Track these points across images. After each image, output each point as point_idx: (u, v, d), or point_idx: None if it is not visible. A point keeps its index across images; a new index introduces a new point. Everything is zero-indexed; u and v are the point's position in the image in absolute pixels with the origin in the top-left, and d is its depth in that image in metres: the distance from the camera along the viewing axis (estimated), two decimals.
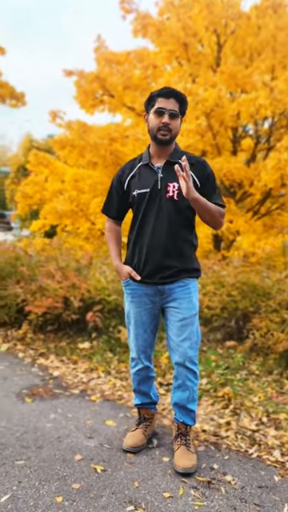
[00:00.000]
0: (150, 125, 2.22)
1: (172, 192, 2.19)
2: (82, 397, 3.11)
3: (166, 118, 2.14)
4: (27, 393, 3.11)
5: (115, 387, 3.26)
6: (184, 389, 2.32)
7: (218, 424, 2.78)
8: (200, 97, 8.06)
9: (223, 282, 4.08)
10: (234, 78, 8.95)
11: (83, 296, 3.97)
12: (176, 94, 2.18)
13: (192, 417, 2.40)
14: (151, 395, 2.55)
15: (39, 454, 2.38)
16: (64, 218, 8.32)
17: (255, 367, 3.49)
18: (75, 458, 2.37)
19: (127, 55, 10.19)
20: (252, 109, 7.93)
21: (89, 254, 4.55)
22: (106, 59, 10.04)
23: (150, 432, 2.57)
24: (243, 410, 2.92)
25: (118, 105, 9.57)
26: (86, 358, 3.72)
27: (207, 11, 9.71)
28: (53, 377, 3.42)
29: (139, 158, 2.37)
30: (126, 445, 2.45)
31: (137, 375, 2.48)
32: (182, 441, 2.39)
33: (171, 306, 2.28)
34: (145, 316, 2.34)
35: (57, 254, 4.46)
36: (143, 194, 2.23)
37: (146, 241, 2.24)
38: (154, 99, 2.19)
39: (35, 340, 4.10)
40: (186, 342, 2.25)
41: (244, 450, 2.53)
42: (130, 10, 10.42)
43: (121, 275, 2.36)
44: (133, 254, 2.31)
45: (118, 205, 2.40)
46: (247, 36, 9.81)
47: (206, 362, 3.58)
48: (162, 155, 2.25)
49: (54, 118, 9.64)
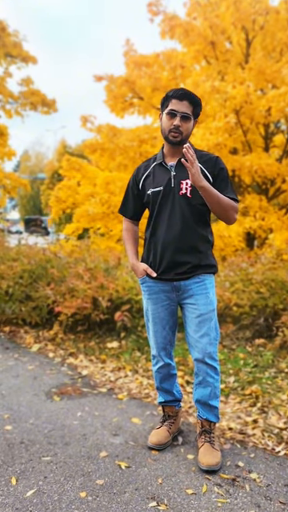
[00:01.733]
0: (162, 125, 2.25)
1: (185, 189, 2.21)
2: (109, 395, 3.15)
3: (178, 120, 2.16)
4: (56, 391, 3.18)
5: (142, 386, 3.28)
6: (205, 385, 2.32)
7: (244, 422, 2.75)
8: (228, 94, 7.97)
9: (251, 279, 4.02)
10: (263, 73, 8.80)
11: (111, 296, 4.02)
12: (190, 96, 2.18)
13: (215, 414, 2.39)
14: (174, 392, 2.54)
15: (65, 451, 2.43)
16: (96, 221, 8.44)
17: (285, 365, 3.42)
18: (100, 454, 2.40)
19: (156, 57, 10.22)
20: (282, 104, 7.76)
21: (117, 255, 4.61)
22: (135, 62, 10.13)
23: (175, 429, 2.57)
24: (271, 407, 2.87)
25: (147, 107, 9.62)
26: (114, 357, 3.76)
27: (234, 8, 9.60)
28: (81, 376, 3.48)
29: (154, 158, 2.40)
30: (150, 442, 2.46)
31: (158, 373, 2.48)
32: (206, 438, 2.38)
33: (188, 302, 2.28)
34: (162, 313, 2.35)
35: (85, 255, 4.54)
36: (157, 192, 2.26)
37: (161, 238, 2.25)
38: (168, 100, 2.22)
39: (65, 340, 4.18)
40: (205, 338, 2.25)
41: (271, 447, 2.49)
42: (158, 12, 10.46)
43: (137, 273, 2.38)
44: (148, 252, 2.34)
45: (134, 205, 2.44)
46: (277, 31, 9.61)
47: (235, 360, 3.54)
48: (175, 154, 2.28)
49: (84, 122, 9.81)
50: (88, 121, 9.92)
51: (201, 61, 10.27)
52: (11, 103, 11.26)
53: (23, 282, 4.42)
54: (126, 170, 9.16)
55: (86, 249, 4.68)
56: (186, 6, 10.82)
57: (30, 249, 4.93)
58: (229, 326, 3.92)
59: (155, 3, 10.49)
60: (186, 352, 3.74)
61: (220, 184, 2.22)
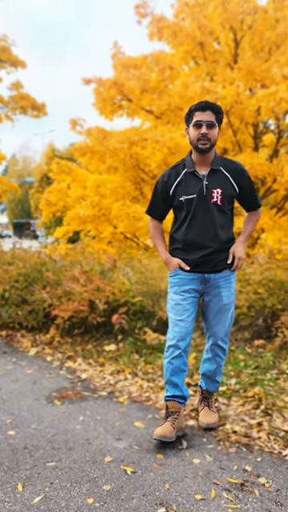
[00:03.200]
0: (190, 137, 2.46)
1: (216, 198, 2.46)
2: (109, 399, 3.11)
3: (204, 128, 2.38)
4: (56, 395, 3.13)
5: (142, 389, 3.24)
6: (213, 362, 2.67)
7: (249, 425, 2.72)
8: (218, 95, 7.99)
9: (249, 279, 4.01)
10: (252, 73, 8.84)
11: (108, 299, 3.98)
12: (211, 106, 2.44)
13: (216, 386, 2.76)
14: (182, 389, 2.60)
15: (70, 456, 2.38)
16: (87, 224, 8.38)
17: (286, 366, 3.41)
18: (105, 459, 2.36)
19: (144, 59, 10.20)
20: (272, 103, 7.79)
21: (112, 257, 4.57)
22: (123, 65, 10.10)
23: (178, 426, 2.58)
24: (275, 410, 2.85)
25: (136, 109, 9.59)
26: (113, 360, 3.72)
27: (222, 8, 9.63)
28: (81, 379, 3.43)
29: (182, 164, 2.56)
30: (156, 434, 2.48)
31: (171, 364, 2.55)
32: (205, 403, 2.75)
33: (213, 294, 2.56)
34: (188, 304, 2.55)
35: (81, 258, 4.49)
36: (191, 200, 2.48)
37: (196, 239, 2.50)
38: (192, 114, 2.46)
39: (63, 344, 4.13)
40: (222, 324, 2.60)
41: (277, 451, 2.46)
42: (146, 14, 10.44)
43: (170, 266, 2.60)
44: (182, 249, 2.56)
45: (162, 207, 2.66)
46: (265, 30, 9.67)
47: (235, 361, 3.52)
48: (205, 163, 2.49)
49: (74, 126, 9.75)
50: (77, 124, 9.87)
51: (189, 62, 10.28)
52: (1, 108, 11.18)
53: (19, 286, 4.36)
54: (116, 173, 9.13)
55: (81, 251, 4.63)
56: (173, 7, 10.83)
57: (25, 252, 4.88)
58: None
59: (143, 5, 10.47)
60: None
61: (247, 194, 2.58)
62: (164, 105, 8.74)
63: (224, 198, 2.46)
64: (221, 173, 2.47)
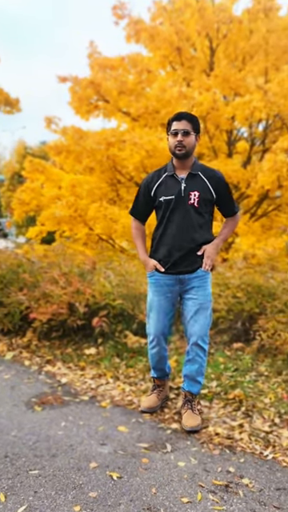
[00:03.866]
0: (169, 144, 2.64)
1: (193, 200, 2.60)
2: (91, 403, 3.07)
3: (180, 136, 2.55)
4: (36, 401, 3.06)
5: (125, 392, 3.23)
6: (194, 362, 2.73)
7: (230, 427, 2.76)
8: (195, 100, 8.08)
9: (228, 283, 4.07)
10: (228, 81, 8.98)
11: (88, 301, 3.94)
12: (186, 116, 2.61)
13: (198, 387, 2.81)
14: (165, 369, 2.96)
15: (53, 463, 2.34)
16: (62, 224, 8.28)
17: (264, 368, 3.48)
18: (90, 465, 2.33)
19: (121, 60, 10.19)
20: (247, 111, 7.96)
21: (91, 259, 4.53)
22: (99, 65, 10.05)
23: (163, 396, 2.98)
24: (255, 411, 2.90)
25: (113, 110, 9.56)
26: (94, 364, 3.68)
27: (199, 15, 9.75)
28: (61, 384, 3.38)
29: (164, 168, 2.73)
30: (142, 406, 2.86)
31: (155, 354, 2.83)
32: (188, 406, 2.78)
33: (190, 293, 2.68)
34: (166, 303, 2.71)
35: (60, 259, 4.43)
36: (169, 200, 2.62)
37: (172, 239, 2.63)
38: (170, 123, 2.63)
39: (40, 347, 4.05)
40: (200, 324, 2.67)
41: (259, 452, 2.51)
42: (123, 16, 10.43)
43: (147, 267, 2.75)
44: (159, 250, 2.70)
45: (145, 208, 2.81)
46: (239, 40, 9.85)
47: (215, 364, 3.56)
48: (184, 167, 2.65)
49: (49, 124, 9.62)
50: (52, 122, 9.74)
51: (166, 66, 10.36)
52: None
53: None
54: (92, 173, 9.06)
55: (61, 253, 4.57)
56: (150, 10, 10.88)
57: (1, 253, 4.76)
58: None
59: (120, 6, 10.45)
60: None
61: (224, 200, 2.71)
62: (141, 107, 8.76)
63: (201, 201, 2.60)
64: (199, 177, 2.63)
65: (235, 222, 2.84)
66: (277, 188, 7.69)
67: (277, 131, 9.78)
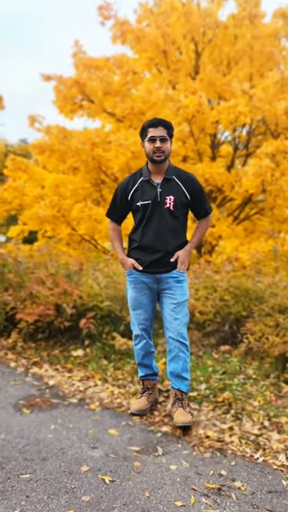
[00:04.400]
0: (146, 150, 2.68)
1: (169, 204, 2.68)
2: (80, 406, 3.04)
3: (158, 143, 2.60)
4: (24, 403, 3.01)
5: (113, 395, 3.20)
6: (177, 359, 2.76)
7: (221, 429, 2.77)
8: (181, 103, 8.11)
9: (216, 286, 4.09)
10: (213, 85, 9.05)
11: (75, 303, 3.90)
12: (163, 123, 2.65)
13: (186, 384, 2.81)
14: (153, 367, 2.96)
15: (44, 467, 2.30)
16: (45, 224, 8.18)
17: (252, 371, 3.50)
18: (81, 469, 2.30)
19: (106, 61, 10.14)
20: (232, 116, 8.03)
21: (79, 260, 4.48)
22: (84, 64, 9.98)
23: (153, 399, 2.95)
24: (244, 414, 2.92)
25: (98, 110, 9.51)
26: (81, 366, 3.64)
27: (185, 19, 9.80)
28: (49, 386, 3.33)
29: (139, 173, 2.78)
30: (133, 409, 2.82)
31: (141, 350, 2.87)
32: (179, 404, 2.77)
33: (167, 292, 2.76)
34: (145, 299, 2.79)
35: (46, 260, 4.36)
36: (146, 205, 2.69)
37: (149, 242, 2.72)
38: (145, 130, 2.67)
39: (26, 349, 3.99)
40: (179, 321, 2.73)
41: (249, 454, 2.53)
42: (109, 17, 10.40)
43: (125, 266, 2.82)
44: (136, 251, 2.77)
45: (121, 211, 2.86)
46: (224, 45, 9.95)
47: (203, 366, 3.57)
48: (159, 172, 2.71)
49: (32, 122, 9.49)
50: (36, 121, 9.63)
51: (152, 68, 10.37)
52: None
53: None
54: (76, 173, 8.99)
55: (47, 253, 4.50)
56: (136, 12, 10.90)
57: None
58: (193, 332, 3.95)
59: (106, 7, 10.41)
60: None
61: (198, 201, 2.78)
62: (127, 108, 8.74)
63: (176, 205, 2.69)
64: (173, 181, 2.70)
65: (207, 223, 2.90)
66: (261, 192, 7.78)
67: (260, 136, 9.92)
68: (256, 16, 10.07)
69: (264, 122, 8.70)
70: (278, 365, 3.44)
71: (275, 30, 9.83)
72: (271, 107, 7.93)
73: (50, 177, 9.08)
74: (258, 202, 9.37)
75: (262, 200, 8.97)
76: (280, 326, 3.55)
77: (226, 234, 7.65)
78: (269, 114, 8.02)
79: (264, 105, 7.98)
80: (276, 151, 7.38)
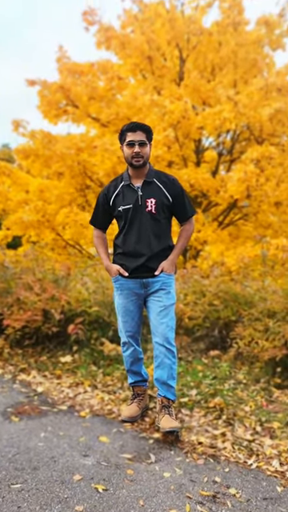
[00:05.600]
0: (124, 155, 2.65)
1: (150, 207, 2.64)
2: (70, 413, 2.98)
3: (137, 147, 2.58)
4: (13, 411, 2.94)
5: (104, 401, 3.15)
6: (163, 366, 2.68)
7: (213, 435, 2.75)
8: (166, 108, 8.14)
9: (204, 291, 4.09)
10: (198, 91, 9.13)
11: (63, 308, 3.84)
12: (141, 127, 2.62)
13: (172, 392, 2.74)
14: (142, 373, 2.89)
15: (35, 476, 2.24)
16: (30, 229, 8.09)
17: (242, 376, 3.50)
18: (74, 478, 2.25)
19: (90, 66, 10.13)
20: (217, 122, 8.09)
21: (66, 265, 4.43)
22: (68, 70, 9.95)
23: (143, 405, 2.89)
24: (236, 419, 2.91)
25: (83, 115, 9.48)
26: (70, 372, 3.58)
27: (169, 26, 9.87)
28: (37, 393, 3.26)
29: (120, 178, 2.76)
30: (123, 415, 2.75)
31: (129, 357, 2.80)
32: (165, 411, 2.70)
33: (154, 296, 2.70)
34: (131, 306, 2.74)
35: (34, 265, 4.30)
36: (127, 209, 2.66)
37: (132, 247, 2.67)
38: (124, 134, 2.64)
39: (13, 355, 3.90)
40: (165, 325, 2.66)
41: (243, 460, 2.51)
42: (93, 22, 10.41)
43: (111, 273, 2.76)
44: (120, 257, 2.73)
45: (104, 217, 2.82)
46: (209, 51, 10.04)
47: (193, 372, 3.55)
48: (140, 176, 2.68)
49: (16, 127, 9.39)
50: (20, 125, 9.53)
51: (137, 74, 10.40)
52: None
53: None
54: (61, 178, 8.93)
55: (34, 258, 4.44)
56: (120, 18, 10.93)
57: None
58: (183, 337, 3.94)
59: (90, 12, 10.43)
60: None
61: (180, 204, 2.72)
62: (112, 114, 8.74)
63: (158, 207, 2.64)
64: (154, 184, 2.67)
65: (191, 227, 2.80)
66: (245, 198, 7.85)
67: (244, 142, 10.03)
68: (240, 23, 10.21)
69: (248, 127, 8.80)
70: (268, 369, 3.45)
71: (258, 38, 9.96)
72: (256, 113, 8.02)
73: (34, 182, 9.01)
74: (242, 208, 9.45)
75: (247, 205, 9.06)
76: (269, 331, 3.56)
77: (211, 238, 7.68)
78: (253, 120, 8.11)
79: (249, 111, 8.07)
80: (261, 157, 7.46)
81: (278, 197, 7.96)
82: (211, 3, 10.98)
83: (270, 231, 8.67)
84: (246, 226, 9.37)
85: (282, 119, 8.40)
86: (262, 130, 8.47)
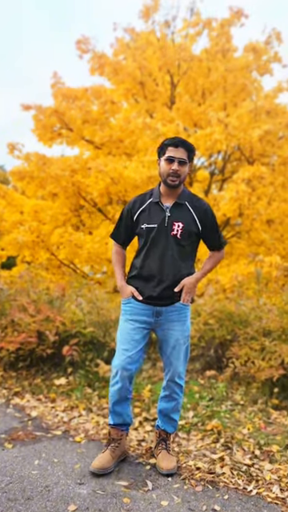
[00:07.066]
0: (161, 170, 2.46)
1: (176, 231, 2.43)
2: (65, 438, 2.90)
3: (176, 165, 2.38)
4: (6, 437, 2.85)
5: (99, 425, 3.08)
6: (170, 399, 2.58)
7: (211, 460, 2.68)
8: (159, 131, 8.28)
9: (199, 310, 4.06)
10: (190, 114, 9.32)
11: (58, 329, 3.79)
12: (185, 144, 2.43)
13: (173, 425, 2.63)
14: (125, 416, 2.59)
15: (29, 507, 2.16)
16: (24, 249, 8.09)
17: (239, 397, 3.45)
18: (69, 508, 2.17)
19: (84, 91, 10.33)
20: (209, 143, 8.23)
21: (61, 285, 4.39)
22: (63, 95, 10.14)
23: (119, 453, 2.57)
24: (234, 443, 2.84)
25: (77, 138, 9.63)
26: (65, 395, 3.51)
27: (160, 53, 10.14)
28: (31, 418, 3.18)
29: (149, 193, 2.57)
30: (92, 466, 2.44)
31: (116, 393, 2.51)
32: (163, 446, 2.60)
33: (167, 327, 2.49)
34: (137, 335, 2.49)
35: (28, 286, 4.26)
36: (151, 229, 2.45)
37: (153, 270, 2.46)
38: (164, 148, 2.45)
39: (7, 378, 3.82)
40: (178, 360, 2.52)
41: (242, 487, 2.43)
42: (87, 50, 10.68)
43: (123, 294, 2.55)
44: (136, 279, 2.53)
45: (126, 233, 2.63)
46: (199, 77, 10.30)
47: (190, 393, 3.49)
48: (171, 196, 2.49)
49: (12, 150, 9.51)
50: (16, 148, 9.64)
51: (129, 98, 10.61)
52: None
53: None
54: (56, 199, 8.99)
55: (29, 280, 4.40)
56: (113, 46, 11.22)
57: None
58: None
59: (84, 41, 10.71)
60: (139, 386, 3.61)
61: (210, 233, 2.52)
62: (106, 136, 8.88)
63: (184, 233, 2.43)
64: (185, 207, 2.47)
65: (220, 257, 2.63)
66: (238, 216, 7.92)
67: (235, 162, 10.19)
68: (228, 50, 10.52)
69: (239, 148, 8.95)
70: (265, 390, 3.40)
71: (247, 64, 10.24)
72: (246, 135, 8.18)
73: (29, 203, 9.05)
74: (235, 226, 9.54)
75: (239, 223, 9.13)
76: (266, 350, 3.53)
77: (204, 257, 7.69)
78: (244, 141, 8.26)
79: (239, 132, 8.23)
80: (252, 177, 7.56)
81: (270, 215, 8.05)
82: (200, 32, 11.35)
83: (262, 248, 8.73)
84: (239, 243, 9.42)
85: (272, 140, 8.58)
86: (253, 150, 8.62)
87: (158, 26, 11.46)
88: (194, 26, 11.39)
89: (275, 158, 9.09)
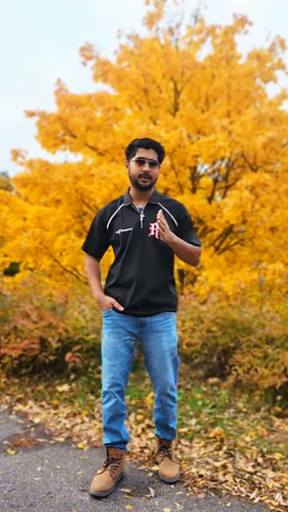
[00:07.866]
0: (131, 171, 2.39)
1: (153, 231, 2.36)
2: (67, 445, 2.91)
3: (147, 166, 2.32)
4: (9, 444, 2.86)
5: (101, 432, 3.08)
6: (164, 411, 2.56)
7: (214, 467, 2.67)
8: (162, 138, 8.32)
9: (202, 317, 4.07)
10: (193, 121, 9.37)
11: (61, 336, 3.80)
12: (155, 145, 2.38)
13: (172, 433, 2.64)
14: (121, 433, 2.50)
15: None
16: (27, 255, 8.12)
17: (242, 404, 3.44)
18: None
19: (88, 98, 10.42)
20: (212, 150, 8.26)
21: (64, 292, 4.41)
22: (66, 101, 10.23)
23: (119, 474, 2.49)
24: (237, 450, 2.84)
25: (80, 144, 9.69)
26: (67, 402, 3.52)
27: (164, 60, 10.20)
28: (34, 424, 3.19)
29: (120, 200, 2.50)
30: (92, 489, 2.34)
31: (109, 411, 2.44)
32: (164, 453, 2.60)
33: (151, 338, 2.40)
34: (122, 348, 2.40)
35: (31, 293, 4.28)
36: (127, 233, 2.36)
37: (132, 276, 2.35)
38: (134, 149, 2.38)
39: (9, 385, 3.84)
40: (167, 372, 2.44)
41: (245, 495, 2.43)
42: (91, 57, 10.77)
43: (103, 306, 2.44)
44: (116, 288, 2.41)
45: (99, 243, 2.53)
46: (202, 84, 10.35)
47: (192, 400, 3.49)
48: (143, 198, 2.42)
49: (15, 156, 9.58)
50: (19, 155, 9.72)
51: (133, 105, 10.68)
52: None
53: None
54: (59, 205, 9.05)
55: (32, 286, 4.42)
56: (116, 53, 11.32)
57: None
58: (181, 364, 3.89)
59: (88, 48, 10.80)
60: (142, 393, 3.62)
61: (185, 231, 2.42)
62: (109, 143, 8.93)
63: None
64: (159, 207, 2.39)
65: (198, 250, 2.45)
66: (241, 223, 7.93)
67: (239, 169, 10.21)
68: (232, 57, 10.59)
69: (243, 155, 8.97)
70: (268, 397, 3.40)
71: (251, 71, 10.29)
72: (250, 142, 8.20)
73: (32, 209, 9.10)
74: (238, 233, 9.55)
75: (243, 231, 9.14)
76: (269, 358, 3.53)
77: (208, 264, 7.71)
78: (247, 148, 8.29)
79: (243, 139, 8.26)
80: (256, 184, 7.58)
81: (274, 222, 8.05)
82: (204, 39, 11.42)
83: (266, 256, 8.73)
84: (243, 250, 9.43)
85: (275, 147, 8.60)
86: (256, 157, 8.65)
87: (162, 32, 11.55)
88: (198, 33, 11.47)
89: (279, 165, 9.12)
